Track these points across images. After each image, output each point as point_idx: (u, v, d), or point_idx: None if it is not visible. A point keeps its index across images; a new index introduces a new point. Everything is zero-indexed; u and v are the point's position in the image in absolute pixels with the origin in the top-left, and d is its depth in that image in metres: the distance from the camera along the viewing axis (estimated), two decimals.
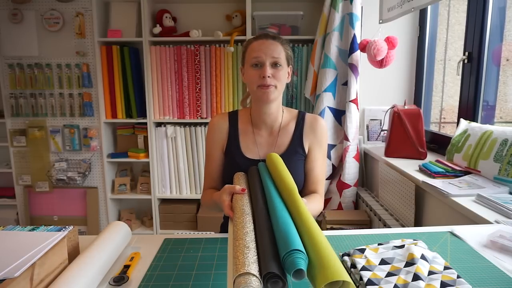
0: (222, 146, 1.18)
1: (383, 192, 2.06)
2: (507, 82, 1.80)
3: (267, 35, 1.10)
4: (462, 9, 2.10)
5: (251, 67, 1.08)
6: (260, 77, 1.06)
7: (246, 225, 0.69)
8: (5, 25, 2.49)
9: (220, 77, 2.44)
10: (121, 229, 0.90)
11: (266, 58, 1.06)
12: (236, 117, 1.20)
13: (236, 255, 0.58)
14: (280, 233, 0.62)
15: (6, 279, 0.58)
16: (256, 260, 0.58)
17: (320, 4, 2.32)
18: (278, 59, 1.07)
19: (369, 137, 2.49)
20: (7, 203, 2.75)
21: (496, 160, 1.36)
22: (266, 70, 1.05)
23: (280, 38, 1.11)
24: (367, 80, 2.42)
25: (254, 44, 1.09)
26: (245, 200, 0.83)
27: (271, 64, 1.07)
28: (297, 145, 1.15)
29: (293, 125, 1.18)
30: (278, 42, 1.09)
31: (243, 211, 0.76)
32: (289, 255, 0.56)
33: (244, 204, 0.80)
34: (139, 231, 2.68)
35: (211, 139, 1.19)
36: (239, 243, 0.62)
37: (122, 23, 2.47)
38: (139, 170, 2.76)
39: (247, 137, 1.17)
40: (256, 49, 1.07)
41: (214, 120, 1.21)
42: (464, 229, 0.98)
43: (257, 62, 1.07)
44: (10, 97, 2.56)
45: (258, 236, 0.66)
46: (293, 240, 0.59)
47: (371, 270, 0.76)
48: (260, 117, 1.15)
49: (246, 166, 1.11)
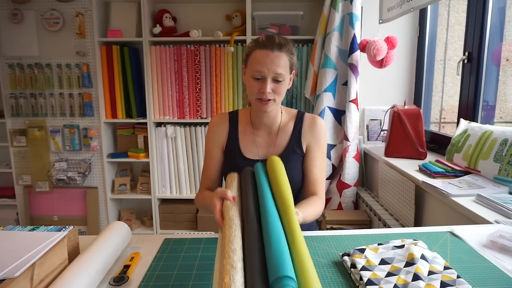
0: (222, 145, 1.19)
1: (383, 192, 2.06)
2: (507, 82, 1.80)
3: (273, 45, 1.04)
4: (462, 9, 2.10)
5: (252, 78, 1.06)
6: (260, 91, 1.05)
7: (235, 240, 0.65)
8: (5, 25, 2.49)
9: (220, 77, 2.44)
10: (121, 229, 0.90)
11: (268, 74, 1.03)
12: (236, 117, 1.21)
13: (222, 277, 0.55)
14: (271, 253, 0.58)
15: (6, 279, 0.58)
16: (242, 283, 0.54)
17: (320, 4, 2.32)
18: (280, 75, 1.03)
19: (369, 137, 2.49)
20: (7, 203, 2.75)
21: (496, 160, 1.36)
22: (267, 86, 1.03)
23: (285, 45, 1.05)
24: (367, 80, 2.42)
25: (258, 53, 1.05)
26: (235, 209, 0.77)
27: (273, 79, 1.04)
28: (295, 144, 1.15)
29: (291, 125, 1.18)
30: (283, 52, 1.04)
31: (233, 222, 0.71)
32: (278, 282, 0.52)
33: (234, 214, 0.75)
34: (139, 231, 2.68)
35: (211, 138, 1.20)
36: (226, 262, 0.58)
37: (122, 23, 2.47)
38: (139, 170, 2.76)
39: (246, 137, 1.17)
40: (259, 61, 1.03)
41: (214, 119, 1.22)
42: (464, 229, 0.98)
43: (259, 76, 1.04)
44: (10, 97, 2.56)
45: (247, 255, 0.61)
46: (284, 265, 0.54)
47: (371, 270, 0.76)
48: (259, 118, 1.16)
49: (245, 166, 1.11)
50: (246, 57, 1.12)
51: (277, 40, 1.05)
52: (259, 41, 1.07)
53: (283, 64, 1.04)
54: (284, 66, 1.04)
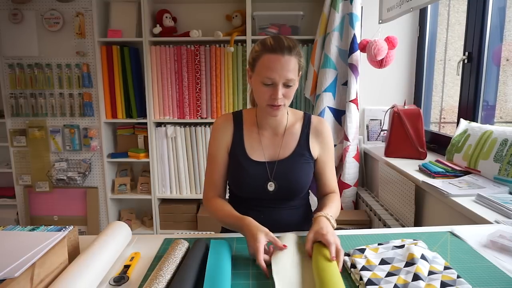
0: (227, 147, 1.15)
1: (383, 192, 2.06)
2: (507, 82, 1.80)
3: (283, 48, 0.99)
4: (462, 9, 2.10)
5: (262, 84, 1.02)
6: (271, 98, 1.02)
7: None
8: (5, 25, 2.49)
9: (220, 77, 2.44)
10: (121, 229, 0.90)
11: (280, 80, 0.99)
12: (241, 118, 1.18)
13: None
14: None
15: (6, 279, 0.58)
16: None
17: (320, 4, 2.32)
18: (291, 80, 1.00)
19: (369, 137, 2.49)
20: (7, 203, 2.75)
21: (496, 160, 1.36)
22: (278, 92, 1.00)
23: (294, 48, 1.01)
24: (367, 80, 2.42)
25: (268, 58, 1.00)
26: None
27: (283, 84, 1.01)
28: (304, 148, 1.14)
29: (299, 127, 1.16)
30: (293, 56, 1.00)
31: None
32: None
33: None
34: (139, 231, 2.68)
35: (216, 140, 1.16)
36: None
37: (122, 23, 2.47)
38: (139, 170, 2.76)
39: (252, 139, 1.15)
40: (269, 66, 0.99)
41: (218, 121, 1.18)
42: (464, 229, 0.98)
43: (270, 83, 1.00)
44: (10, 97, 2.56)
45: None
46: None
47: (371, 270, 0.76)
48: (265, 119, 1.14)
49: (251, 168, 1.11)
50: (253, 61, 1.06)
51: (286, 43, 1.00)
52: (267, 45, 1.01)
53: (293, 68, 1.01)
54: (294, 70, 1.01)
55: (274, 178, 1.10)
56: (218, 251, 0.84)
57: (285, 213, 1.15)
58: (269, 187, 1.10)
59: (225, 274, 0.75)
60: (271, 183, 1.10)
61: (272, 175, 1.11)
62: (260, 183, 1.10)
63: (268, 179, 1.10)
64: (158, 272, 0.73)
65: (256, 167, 1.11)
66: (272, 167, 1.11)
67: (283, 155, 1.13)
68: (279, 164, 1.11)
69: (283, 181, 1.10)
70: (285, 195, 1.12)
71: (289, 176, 1.11)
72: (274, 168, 1.11)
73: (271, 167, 1.11)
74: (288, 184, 1.11)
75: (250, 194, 1.14)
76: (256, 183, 1.11)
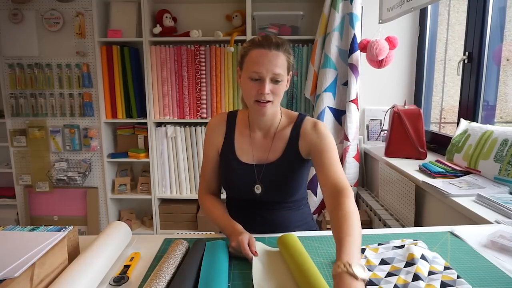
0: (218, 148, 1.15)
1: (383, 192, 2.06)
2: (507, 82, 1.80)
3: (270, 43, 0.99)
4: (462, 9, 2.10)
5: (249, 80, 1.01)
6: (258, 93, 1.00)
7: None
8: (5, 25, 2.49)
9: (220, 77, 2.44)
10: (121, 229, 0.90)
11: (267, 74, 0.98)
12: (235, 119, 1.17)
13: None
14: None
15: (6, 279, 0.58)
16: None
17: (320, 4, 2.32)
18: (279, 75, 0.99)
19: (369, 137, 2.49)
20: (7, 203, 2.75)
21: (496, 160, 1.36)
22: (266, 87, 0.99)
23: (283, 45, 1.01)
24: (367, 80, 2.42)
25: (255, 53, 1.00)
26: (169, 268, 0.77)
27: (271, 80, 1.00)
28: (292, 151, 1.09)
29: (289, 129, 1.11)
30: (281, 52, 1.00)
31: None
32: None
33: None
34: (139, 231, 2.68)
35: (208, 140, 1.17)
36: None
37: (122, 23, 2.47)
38: (139, 170, 2.76)
39: (243, 140, 1.13)
40: (256, 61, 0.99)
41: (212, 120, 1.19)
42: (464, 229, 0.98)
43: (257, 77, 0.99)
44: (10, 97, 2.56)
45: None
46: None
47: (371, 270, 0.76)
48: (256, 120, 1.12)
49: (240, 169, 1.10)
50: (241, 58, 1.06)
51: (273, 40, 1.01)
52: (255, 41, 1.02)
53: (281, 64, 1.00)
54: (282, 66, 1.00)
55: (261, 181, 1.09)
56: (213, 253, 0.85)
57: (279, 214, 1.13)
58: (256, 190, 1.09)
59: (220, 275, 0.75)
60: (258, 185, 1.09)
61: (259, 178, 1.09)
62: (247, 185, 1.09)
63: (255, 181, 1.09)
64: (158, 272, 0.73)
65: (244, 169, 1.10)
66: (260, 170, 1.09)
67: (271, 158, 1.10)
68: (267, 167, 1.09)
69: (270, 184, 1.08)
70: (272, 198, 1.11)
71: (276, 180, 1.09)
72: (262, 171, 1.09)
73: (259, 170, 1.09)
74: (275, 188, 1.09)
75: (239, 195, 1.14)
76: (244, 185, 1.10)
